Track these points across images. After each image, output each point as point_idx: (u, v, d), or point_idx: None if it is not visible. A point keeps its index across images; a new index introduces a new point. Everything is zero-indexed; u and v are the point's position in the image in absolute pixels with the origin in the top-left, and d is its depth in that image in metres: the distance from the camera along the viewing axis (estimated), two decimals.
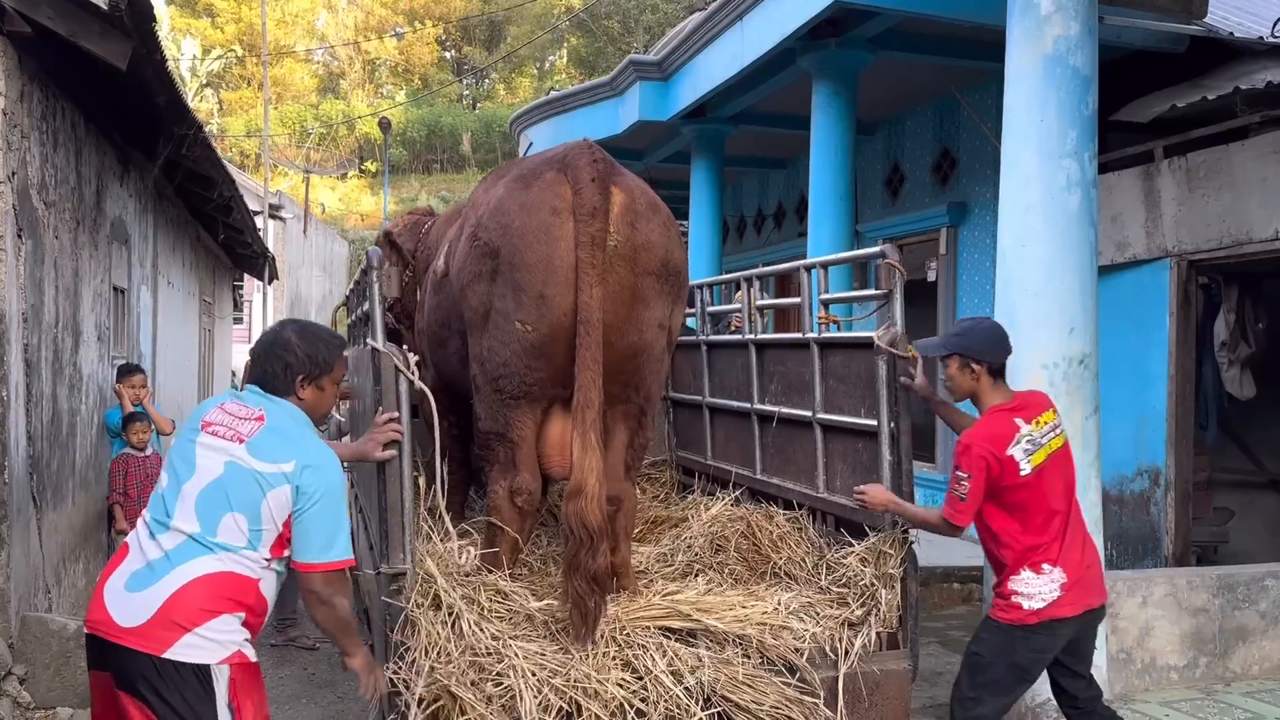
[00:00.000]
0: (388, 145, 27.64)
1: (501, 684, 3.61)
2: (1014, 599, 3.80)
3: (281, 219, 24.44)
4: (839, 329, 5.12)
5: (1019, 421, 3.81)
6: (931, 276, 9.71)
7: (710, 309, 6.64)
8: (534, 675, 3.62)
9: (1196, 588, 5.43)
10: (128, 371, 7.74)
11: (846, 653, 4.03)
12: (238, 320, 22.56)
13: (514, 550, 4.14)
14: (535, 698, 3.57)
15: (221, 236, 13.14)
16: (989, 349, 3.93)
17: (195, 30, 44.31)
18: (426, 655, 3.66)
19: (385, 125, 25.19)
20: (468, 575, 4.00)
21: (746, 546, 5.08)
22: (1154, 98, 7.24)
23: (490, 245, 3.90)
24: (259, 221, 21.10)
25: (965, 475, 3.77)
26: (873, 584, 4.26)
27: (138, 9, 5.44)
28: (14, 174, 5.56)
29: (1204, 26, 7.05)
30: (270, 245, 22.83)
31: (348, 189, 43.06)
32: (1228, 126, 6.71)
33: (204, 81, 41.47)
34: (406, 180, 42.97)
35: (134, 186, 8.86)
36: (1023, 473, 3.75)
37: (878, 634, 4.21)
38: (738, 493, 5.77)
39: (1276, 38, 6.82)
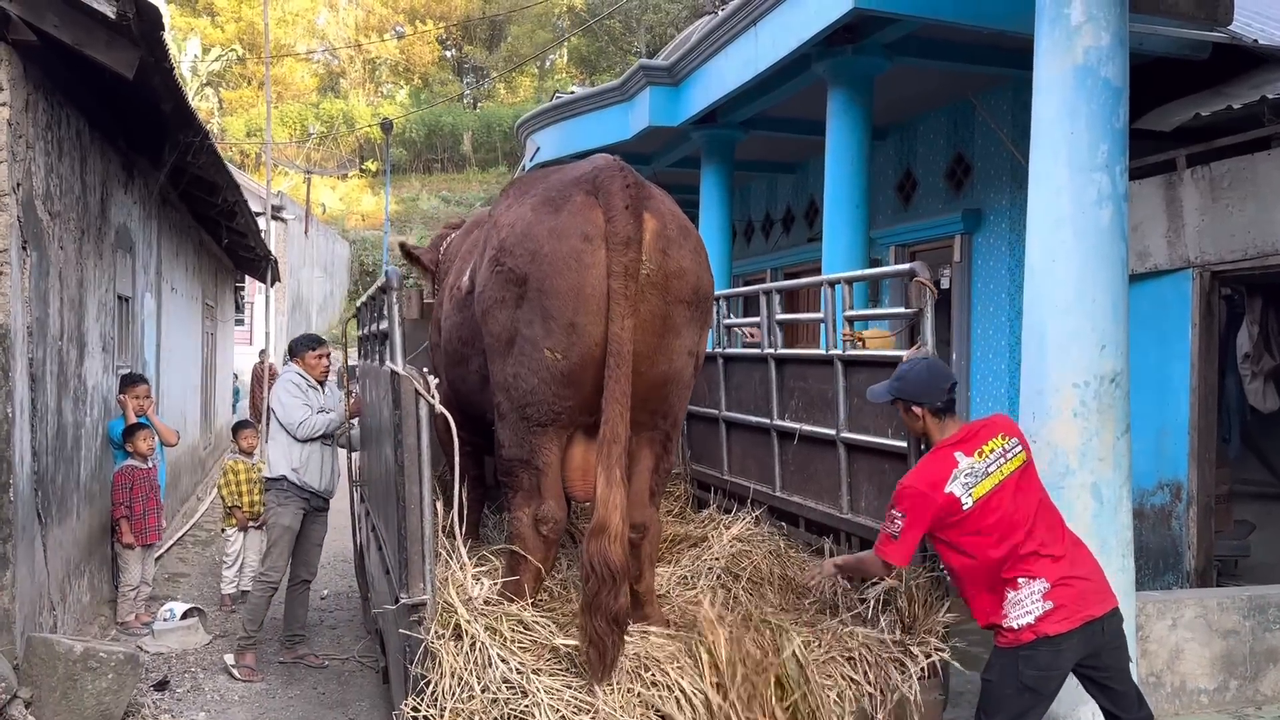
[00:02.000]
0: (389, 146, 27.50)
1: (516, 710, 3.50)
2: (1005, 622, 3.78)
3: (283, 220, 24.31)
4: (864, 346, 5.01)
5: (959, 456, 3.83)
6: (945, 284, 9.60)
7: (726, 322, 6.51)
8: (558, 712, 3.51)
9: (1227, 609, 5.33)
10: (131, 382, 7.64)
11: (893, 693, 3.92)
12: (239, 323, 22.44)
13: (537, 580, 4.02)
14: None
15: (225, 241, 13.01)
16: (924, 391, 3.96)
17: (196, 29, 44.18)
18: (449, 691, 3.55)
19: (387, 126, 25.07)
20: (489, 604, 3.88)
21: (770, 573, 4.97)
22: (1177, 106, 7.13)
23: (517, 271, 3.78)
24: (261, 223, 20.98)
25: (900, 515, 3.85)
26: (910, 614, 4.18)
27: (146, 18, 5.31)
28: (19, 185, 5.44)
29: (1228, 33, 6.92)
30: (272, 246, 22.70)
31: (348, 189, 42.94)
32: (1252, 136, 6.60)
33: (204, 81, 41.29)
34: (407, 180, 42.86)
35: (138, 193, 8.74)
36: (965, 506, 3.77)
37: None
38: (758, 512, 5.67)
39: None
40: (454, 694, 3.55)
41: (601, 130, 10.97)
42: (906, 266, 4.45)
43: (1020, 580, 3.75)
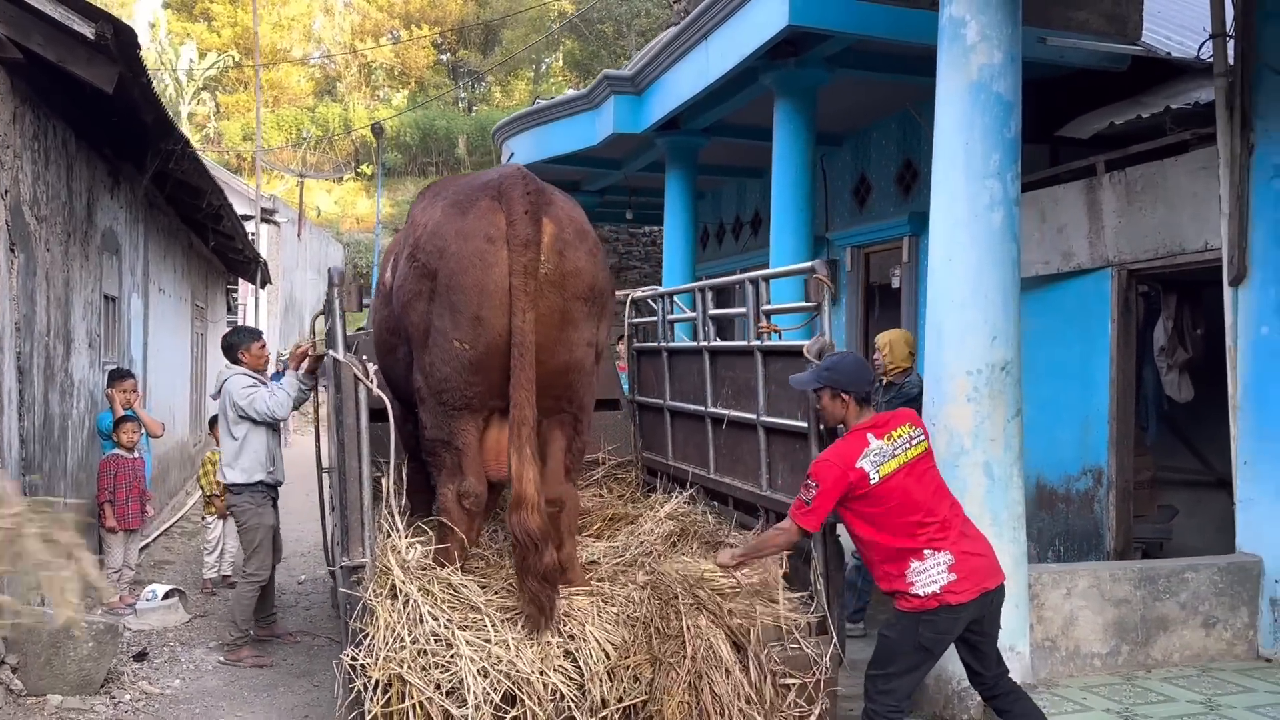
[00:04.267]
0: (381, 150, 27.95)
1: (450, 670, 3.95)
2: (911, 590, 4.18)
3: (275, 223, 24.73)
4: (780, 338, 5.46)
5: (870, 437, 4.25)
6: (895, 283, 10.04)
7: (670, 317, 6.96)
8: (480, 663, 3.96)
9: (1119, 580, 5.76)
10: (118, 376, 8.07)
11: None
12: (232, 324, 22.88)
13: (463, 548, 4.46)
14: (480, 683, 3.91)
15: (211, 243, 13.47)
16: (854, 381, 4.37)
17: (192, 34, 44.61)
18: (383, 642, 4.00)
19: (378, 130, 25.53)
20: (424, 569, 4.33)
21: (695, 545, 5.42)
22: (1095, 115, 7.58)
23: (428, 267, 4.21)
24: (251, 226, 21.47)
25: (814, 483, 4.24)
26: (808, 575, 4.65)
27: (123, 38, 5.77)
28: (6, 192, 5.90)
29: (1144, 47, 7.37)
30: (264, 249, 23.13)
31: (343, 192, 43.36)
32: (1164, 143, 7.04)
33: (200, 85, 41.74)
34: (402, 183, 43.25)
35: (125, 198, 9.19)
36: (872, 480, 4.18)
37: (808, 622, 4.59)
38: (692, 490, 6.13)
39: (1204, 60, 7.14)
40: (388, 645, 4.01)
41: (571, 137, 11.43)
42: (808, 264, 4.89)
43: (926, 552, 4.16)
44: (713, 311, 6.17)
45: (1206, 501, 8.88)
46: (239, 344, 6.92)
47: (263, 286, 20.06)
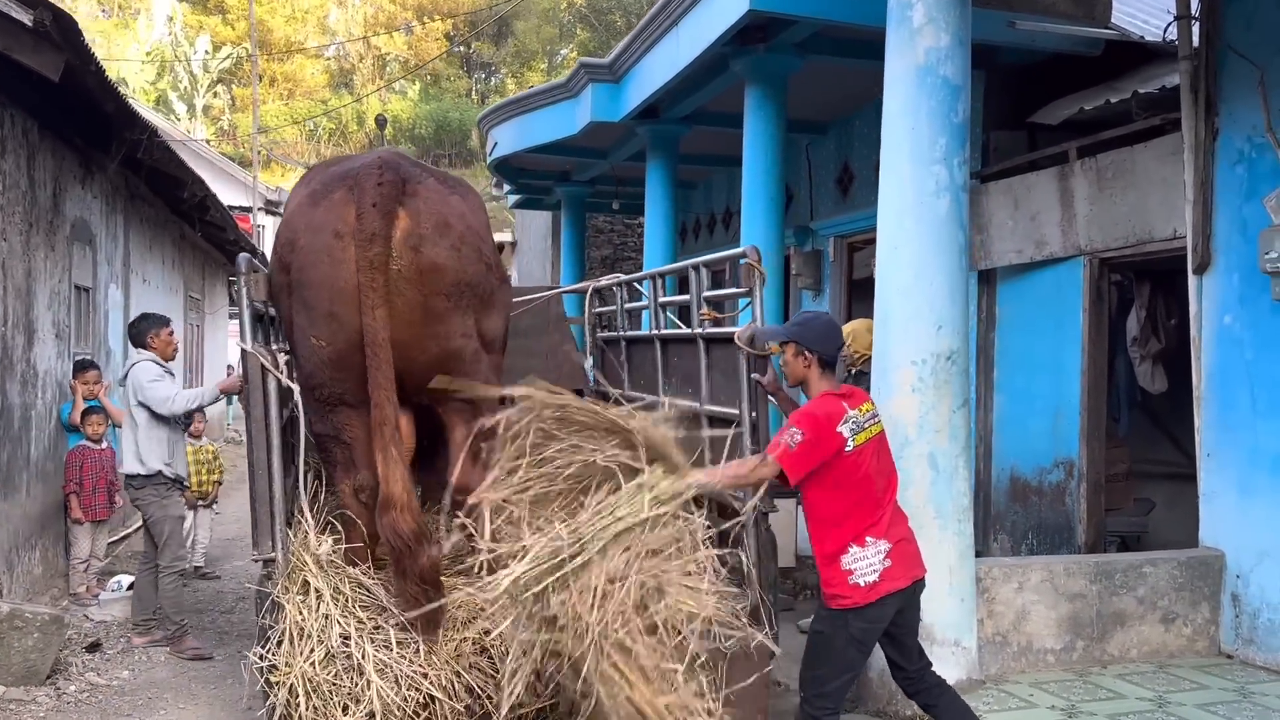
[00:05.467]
0: (384, 142, 27.91)
1: (354, 663, 3.89)
2: (849, 580, 4.04)
3: (280, 215, 24.78)
4: (722, 325, 5.37)
5: (845, 405, 4.12)
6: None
7: (628, 306, 6.89)
8: (387, 661, 3.89)
9: (1074, 574, 5.63)
10: (82, 368, 8.05)
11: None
12: (235, 315, 22.90)
13: (365, 542, 4.36)
14: (389, 684, 3.85)
15: (199, 233, 13.48)
16: (822, 342, 4.23)
17: (206, 27, 44.76)
18: (290, 640, 3.93)
19: (381, 122, 25.44)
20: (337, 566, 4.25)
21: None
22: (1066, 101, 7.44)
23: (284, 260, 4.11)
24: (256, 218, 21.53)
25: (800, 431, 4.00)
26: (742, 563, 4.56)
27: (64, 25, 5.72)
28: None
29: (1116, 30, 7.22)
30: (269, 241, 23.16)
31: None
32: (1135, 128, 6.89)
33: (215, 78, 41.92)
34: None
35: (99, 188, 9.17)
36: (848, 448, 4.03)
37: (739, 611, 4.50)
38: None
39: (1171, 43, 6.98)
40: (294, 642, 3.95)
41: (552, 126, 11.34)
42: (739, 250, 4.80)
43: (869, 539, 4.04)
44: (662, 300, 6.09)
45: (1187, 494, 8.69)
46: (147, 330, 6.73)
47: None
